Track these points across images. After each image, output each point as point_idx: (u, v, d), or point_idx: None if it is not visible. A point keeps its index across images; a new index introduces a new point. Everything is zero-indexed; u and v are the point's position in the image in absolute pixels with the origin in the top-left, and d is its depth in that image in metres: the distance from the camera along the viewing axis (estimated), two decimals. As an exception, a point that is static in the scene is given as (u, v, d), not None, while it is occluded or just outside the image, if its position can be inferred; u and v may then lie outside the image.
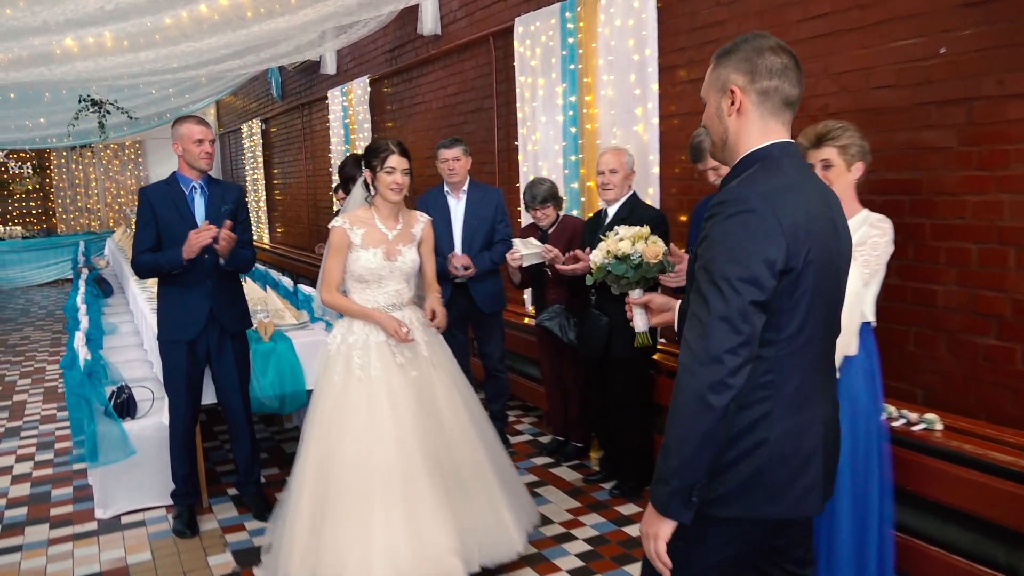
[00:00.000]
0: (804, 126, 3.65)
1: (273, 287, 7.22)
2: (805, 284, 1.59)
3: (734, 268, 1.52)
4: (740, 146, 1.70)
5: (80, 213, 16.56)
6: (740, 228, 1.54)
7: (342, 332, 3.27)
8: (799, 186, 1.62)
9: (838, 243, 1.69)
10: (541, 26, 5.35)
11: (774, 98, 1.66)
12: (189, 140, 3.75)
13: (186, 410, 3.89)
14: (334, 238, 3.24)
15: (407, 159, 3.25)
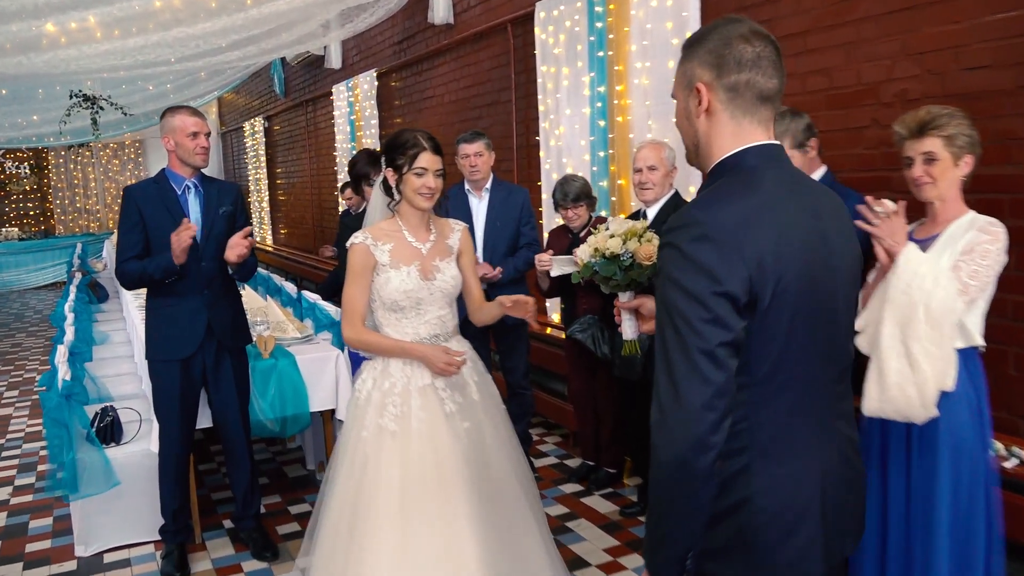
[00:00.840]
0: (878, 115, 3.21)
1: (275, 294, 6.80)
2: (777, 319, 1.36)
3: (693, 308, 1.32)
4: (712, 151, 1.48)
5: (79, 214, 16.18)
6: (694, 260, 1.33)
7: (374, 376, 2.61)
8: (773, 201, 1.39)
9: (831, 261, 1.44)
10: (565, 11, 4.91)
11: (745, 94, 1.42)
12: (182, 133, 3.31)
13: (179, 437, 3.46)
14: (355, 258, 2.59)
15: (441, 156, 2.61)
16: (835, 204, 1.52)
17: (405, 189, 2.59)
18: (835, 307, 1.45)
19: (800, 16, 3.47)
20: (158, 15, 4.42)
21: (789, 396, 1.42)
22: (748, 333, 1.35)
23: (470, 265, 2.79)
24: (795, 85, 3.53)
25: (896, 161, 3.17)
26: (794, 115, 2.81)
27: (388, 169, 2.63)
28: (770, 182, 1.41)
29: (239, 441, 3.59)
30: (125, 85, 10.17)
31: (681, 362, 1.32)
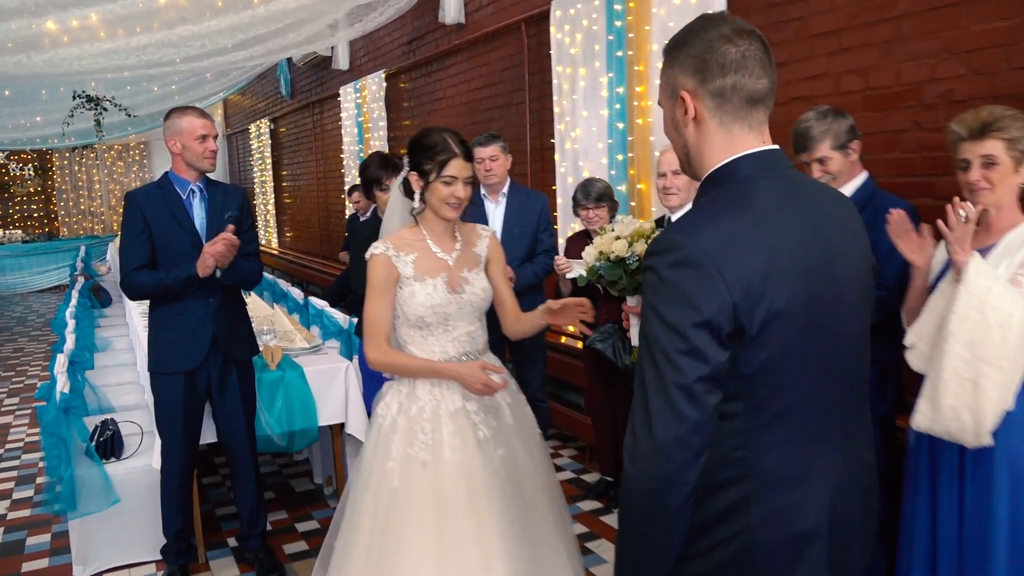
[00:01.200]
0: (919, 117, 3.04)
1: (281, 300, 6.66)
2: (771, 344, 1.27)
3: (671, 338, 1.25)
4: (704, 161, 1.39)
5: (83, 216, 16.07)
6: (673, 287, 1.26)
7: (399, 400, 2.39)
8: (766, 217, 1.30)
9: (835, 275, 1.34)
10: (583, 9, 4.75)
11: (733, 99, 1.33)
12: (191, 136, 3.16)
13: (182, 454, 3.31)
14: (376, 271, 2.36)
15: (472, 162, 2.37)
16: (842, 211, 1.42)
17: (430, 197, 2.36)
18: (842, 324, 1.35)
19: (834, 13, 3.30)
20: (163, 13, 4.28)
21: (792, 421, 1.32)
22: (738, 361, 1.27)
23: (501, 273, 2.55)
24: (828, 86, 3.36)
25: (939, 166, 3.01)
26: (837, 115, 2.65)
27: (412, 173, 2.38)
28: (765, 194, 1.32)
29: (245, 457, 3.43)
30: (129, 86, 10.04)
31: (656, 395, 1.25)
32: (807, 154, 2.69)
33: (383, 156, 3.68)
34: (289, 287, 6.83)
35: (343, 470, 4.04)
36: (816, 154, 2.66)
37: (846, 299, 1.36)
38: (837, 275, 1.34)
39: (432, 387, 2.38)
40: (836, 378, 1.36)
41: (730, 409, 1.30)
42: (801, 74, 3.47)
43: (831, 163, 2.65)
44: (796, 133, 2.70)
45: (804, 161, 2.72)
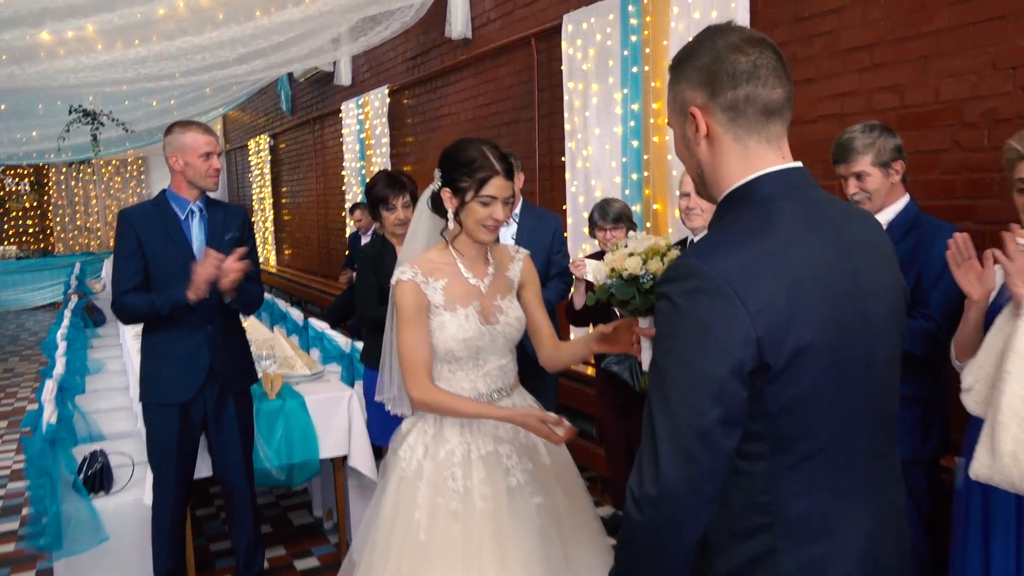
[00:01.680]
0: (959, 136, 2.87)
1: (280, 320, 6.47)
2: (797, 381, 1.17)
3: (687, 376, 1.16)
4: (720, 181, 1.29)
5: (79, 232, 15.90)
6: (691, 318, 1.16)
7: (425, 442, 2.15)
8: (790, 242, 1.20)
9: (864, 305, 1.25)
10: (596, 23, 4.60)
11: (747, 111, 1.24)
12: (195, 153, 2.98)
13: (175, 489, 3.11)
14: (405, 299, 2.11)
15: (512, 180, 2.13)
16: (871, 234, 1.33)
17: (465, 218, 2.12)
18: (872, 358, 1.26)
19: (867, 27, 3.14)
20: (162, 24, 4.12)
21: (821, 464, 1.22)
22: (764, 398, 1.17)
23: (536, 298, 2.31)
24: (860, 103, 3.20)
25: (982, 188, 2.84)
26: (885, 131, 2.50)
27: (446, 190, 2.12)
28: (788, 217, 1.22)
29: (242, 492, 3.23)
30: (128, 101, 9.89)
31: (667, 436, 1.16)
32: (845, 165, 2.51)
33: (390, 175, 3.51)
34: (288, 307, 6.64)
35: (345, 503, 3.84)
36: (855, 167, 2.49)
37: (876, 330, 1.26)
38: (867, 304, 1.25)
39: (462, 427, 2.16)
40: (866, 415, 1.26)
41: (754, 450, 1.20)
42: (831, 91, 3.31)
43: (869, 180, 2.48)
44: (838, 143, 2.54)
45: (841, 174, 2.55)
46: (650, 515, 1.18)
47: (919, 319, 2.37)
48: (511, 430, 2.20)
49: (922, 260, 2.40)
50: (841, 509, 1.24)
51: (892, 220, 2.50)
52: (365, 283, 3.50)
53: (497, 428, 2.18)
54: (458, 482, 2.08)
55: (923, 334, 2.35)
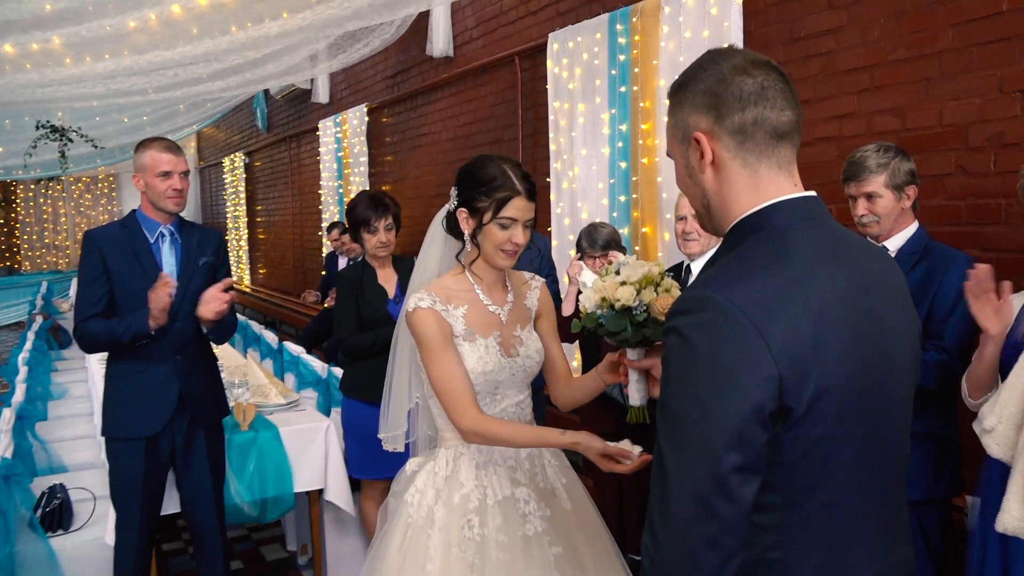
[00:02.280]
0: (964, 161, 2.78)
1: (253, 343, 6.27)
2: (818, 425, 1.08)
3: (704, 421, 1.05)
4: (729, 210, 1.21)
5: (47, 250, 15.55)
6: (706, 355, 1.06)
7: (436, 485, 1.97)
8: (809, 274, 1.12)
9: (885, 345, 1.16)
10: (583, 42, 4.50)
11: (756, 134, 1.17)
12: (152, 172, 2.82)
13: (139, 529, 2.92)
14: (427, 327, 1.92)
15: (534, 201, 1.97)
16: (888, 270, 1.26)
17: (482, 242, 1.96)
18: (891, 402, 1.18)
19: (866, 48, 3.06)
20: (133, 37, 3.96)
21: (834, 518, 1.14)
22: (781, 445, 1.08)
23: (552, 330, 2.16)
24: (859, 125, 3.11)
25: (988, 214, 2.74)
26: (900, 153, 2.40)
27: (462, 210, 1.97)
28: (805, 248, 1.14)
29: (211, 531, 3.04)
30: (99, 116, 9.66)
31: (681, 488, 1.06)
32: (856, 184, 2.39)
33: (372, 196, 3.36)
34: (262, 330, 6.44)
35: (321, 538, 3.65)
36: (866, 187, 2.37)
37: (896, 372, 1.18)
38: (886, 344, 1.16)
39: (477, 470, 1.98)
40: (881, 466, 1.18)
41: (766, 501, 1.10)
42: (828, 113, 3.21)
43: (880, 202, 2.37)
44: (850, 161, 2.42)
45: (851, 194, 2.43)
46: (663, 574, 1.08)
47: (931, 351, 2.26)
48: (527, 473, 2.03)
49: (934, 290, 2.30)
50: (854, 564, 1.16)
51: (902, 247, 2.40)
52: (345, 308, 3.34)
53: (515, 471, 2.02)
54: (474, 530, 1.90)
55: (937, 367, 2.23)
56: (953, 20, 2.78)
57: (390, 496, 2.12)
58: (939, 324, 2.28)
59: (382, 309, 3.34)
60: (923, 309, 2.29)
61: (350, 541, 3.70)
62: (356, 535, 3.70)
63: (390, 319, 3.31)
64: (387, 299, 3.37)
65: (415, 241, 6.92)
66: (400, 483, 2.08)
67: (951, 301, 2.25)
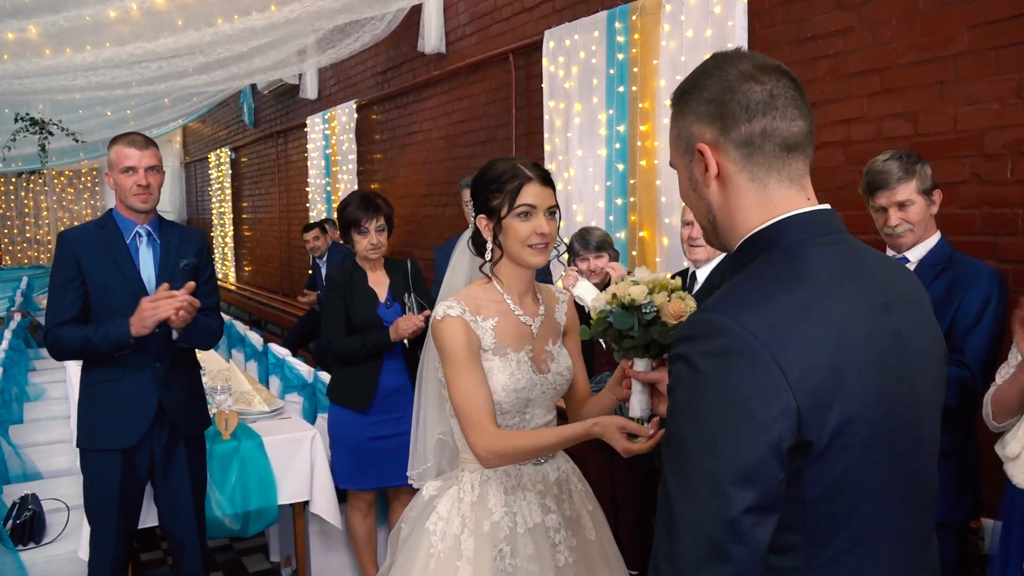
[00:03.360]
0: (979, 168, 2.67)
1: (238, 344, 6.12)
2: (844, 456, 1.00)
3: (714, 458, 0.96)
4: (737, 226, 1.13)
5: (28, 245, 15.30)
6: (718, 386, 0.97)
7: (462, 512, 1.83)
8: (826, 293, 1.03)
9: (910, 369, 1.07)
10: (580, 40, 4.38)
11: (765, 146, 1.09)
12: (117, 168, 2.68)
13: (115, 545, 2.78)
14: (455, 338, 1.79)
15: (553, 189, 1.86)
16: (910, 286, 1.18)
17: (507, 241, 1.81)
18: (918, 431, 1.09)
19: (877, 50, 2.95)
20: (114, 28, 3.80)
21: (861, 560, 1.05)
22: (801, 481, 1.00)
23: (578, 348, 2.04)
24: (869, 130, 3.00)
25: (1005, 224, 2.64)
26: (919, 158, 2.31)
27: (480, 217, 1.85)
28: (820, 265, 1.06)
29: (191, 547, 2.90)
30: (81, 110, 9.46)
31: (689, 530, 0.97)
32: (887, 194, 2.27)
33: (364, 196, 3.23)
34: (247, 331, 6.29)
35: (305, 550, 3.52)
36: (898, 195, 2.25)
37: (923, 396, 1.09)
38: (912, 368, 1.08)
39: (507, 495, 1.84)
40: (911, 500, 1.09)
41: (787, 542, 1.02)
42: (835, 116, 3.11)
43: (912, 209, 2.26)
44: (873, 171, 2.30)
45: (880, 205, 2.30)
46: None
47: (952, 366, 2.15)
48: (556, 499, 1.90)
49: (957, 302, 2.19)
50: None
51: (923, 258, 2.29)
52: (333, 311, 3.21)
53: (544, 496, 1.89)
54: (506, 560, 1.77)
55: (958, 383, 2.13)
56: (969, 22, 2.68)
57: (402, 522, 1.99)
58: (961, 338, 2.17)
59: (372, 313, 3.21)
60: (944, 322, 2.19)
61: (336, 554, 3.58)
62: (342, 547, 3.57)
63: (380, 323, 3.19)
64: (377, 302, 3.25)
65: (405, 242, 6.81)
66: (418, 509, 1.94)
67: (974, 315, 2.15)
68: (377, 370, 3.21)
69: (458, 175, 5.35)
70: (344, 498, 3.44)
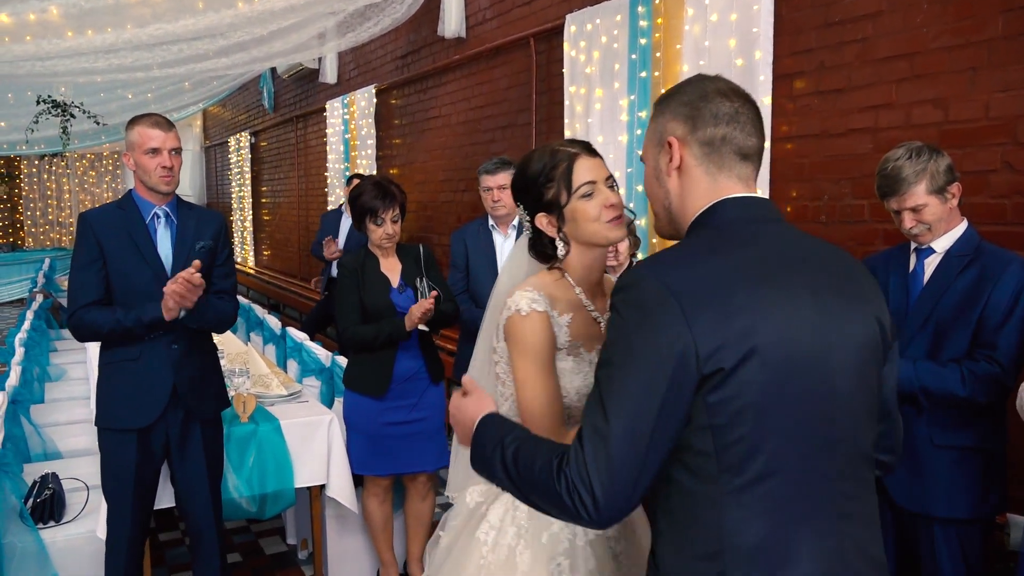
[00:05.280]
0: (1011, 157, 2.62)
1: (256, 328, 6.14)
2: (749, 389, 1.17)
3: (622, 384, 1.18)
4: (687, 211, 1.34)
5: (50, 227, 15.44)
6: (631, 328, 1.20)
7: (517, 521, 1.68)
8: (752, 262, 1.23)
9: (826, 332, 1.22)
10: (602, 24, 4.33)
11: (723, 149, 1.32)
12: (140, 149, 2.66)
13: (131, 523, 2.79)
14: (537, 335, 1.62)
15: (601, 158, 1.71)
16: (845, 267, 1.31)
17: (578, 228, 1.64)
18: (829, 380, 1.22)
19: (907, 34, 2.89)
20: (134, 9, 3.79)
21: (773, 490, 1.20)
22: (705, 411, 1.18)
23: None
24: (897, 117, 2.94)
25: (1036, 214, 2.59)
26: (932, 152, 2.22)
27: (540, 216, 1.67)
28: (750, 236, 1.27)
29: (207, 528, 2.91)
30: (103, 93, 9.49)
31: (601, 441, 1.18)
32: (897, 199, 2.23)
33: (378, 183, 3.19)
34: (265, 314, 6.30)
35: (322, 533, 3.53)
36: (908, 201, 2.20)
37: (840, 361, 1.23)
38: (829, 333, 1.23)
39: None
40: (827, 446, 1.23)
41: (701, 467, 1.20)
42: (863, 103, 3.05)
43: (926, 211, 2.21)
44: (883, 175, 2.25)
45: (893, 208, 2.27)
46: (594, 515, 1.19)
47: (982, 361, 2.11)
48: None
49: (986, 295, 2.14)
50: (793, 544, 1.20)
51: (950, 248, 2.24)
52: (346, 299, 3.19)
53: None
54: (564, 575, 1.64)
55: (988, 379, 2.08)
56: (1004, 6, 2.61)
57: (441, 530, 1.85)
58: (992, 333, 2.12)
59: (385, 299, 3.19)
60: (974, 315, 2.14)
61: (352, 537, 3.58)
62: (358, 531, 3.57)
63: (393, 309, 3.17)
64: (390, 288, 3.23)
65: (423, 227, 6.79)
66: (458, 516, 1.80)
67: (1005, 308, 2.09)
68: (392, 357, 3.20)
69: (477, 161, 5.32)
70: (360, 482, 3.44)
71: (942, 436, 2.17)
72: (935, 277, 2.24)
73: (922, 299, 2.25)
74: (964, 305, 2.15)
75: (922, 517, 2.20)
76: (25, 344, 5.03)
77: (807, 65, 3.28)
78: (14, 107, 9.31)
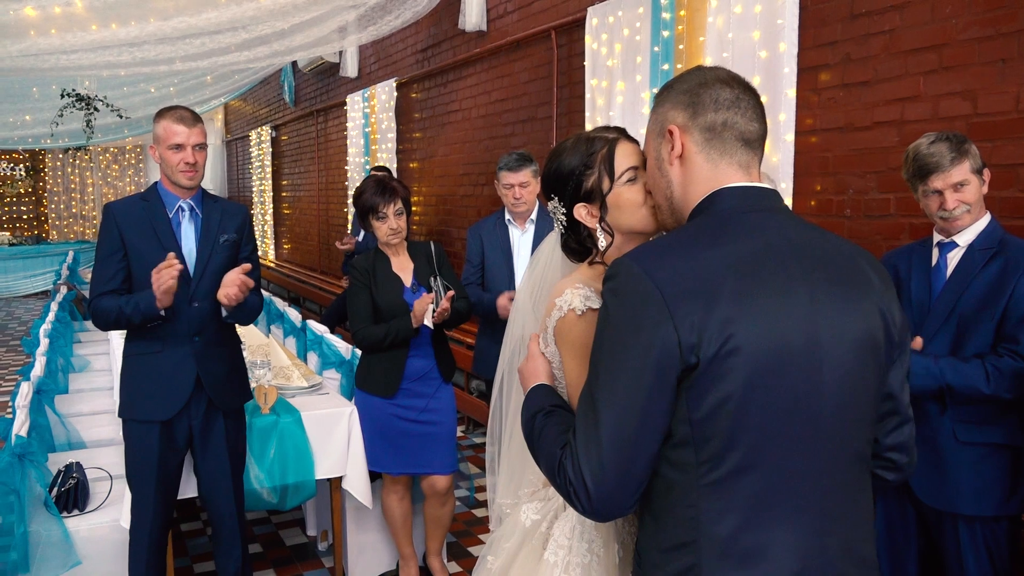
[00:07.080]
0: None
1: (277, 320, 6.16)
2: (729, 382, 1.16)
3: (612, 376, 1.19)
4: (689, 199, 1.32)
5: (74, 220, 15.59)
6: (617, 319, 1.21)
7: (589, 537, 1.53)
8: (742, 255, 1.20)
9: (815, 327, 1.19)
10: (624, 17, 4.31)
11: (724, 135, 1.29)
12: (165, 143, 2.68)
13: (155, 514, 2.81)
14: (584, 335, 1.44)
15: (636, 142, 1.56)
16: (845, 263, 1.26)
17: (622, 217, 1.51)
18: (821, 386, 1.19)
19: (935, 25, 2.85)
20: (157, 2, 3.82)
21: (752, 483, 1.19)
22: (685, 402, 1.19)
23: None
24: (924, 109, 2.90)
25: (1066, 208, 2.55)
26: (965, 137, 2.20)
27: (578, 207, 1.54)
28: (746, 229, 1.23)
29: (229, 519, 2.93)
30: (126, 87, 9.59)
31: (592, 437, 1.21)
32: (942, 176, 2.16)
33: (379, 180, 3.20)
34: (286, 307, 6.33)
35: (342, 525, 3.54)
36: (954, 177, 2.15)
37: (828, 356, 1.20)
38: (818, 328, 1.20)
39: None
40: (812, 441, 1.21)
41: (680, 458, 1.21)
42: (889, 96, 3.01)
43: (968, 189, 2.16)
44: (922, 155, 2.19)
45: (935, 188, 2.19)
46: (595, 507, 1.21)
47: (1006, 356, 2.07)
48: None
49: (1010, 288, 2.10)
50: (772, 538, 1.19)
51: (973, 241, 2.20)
52: (358, 299, 3.19)
53: None
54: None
55: (1012, 374, 2.05)
56: (1036, -4, 2.57)
57: (489, 553, 1.68)
58: (1015, 327, 2.09)
59: (399, 299, 3.19)
60: (998, 309, 2.11)
61: (372, 530, 3.59)
62: (378, 524, 3.58)
63: (406, 309, 3.16)
64: (403, 287, 3.22)
65: (441, 220, 6.79)
66: (511, 537, 1.63)
67: (1034, 303, 2.06)
68: (404, 356, 3.20)
69: (497, 154, 5.31)
70: (379, 478, 3.44)
71: (967, 433, 2.14)
72: (958, 271, 2.21)
73: (945, 293, 2.22)
74: (988, 299, 2.12)
75: (947, 515, 2.17)
76: (49, 335, 5.09)
77: (832, 57, 3.24)
78: (39, 101, 9.42)
